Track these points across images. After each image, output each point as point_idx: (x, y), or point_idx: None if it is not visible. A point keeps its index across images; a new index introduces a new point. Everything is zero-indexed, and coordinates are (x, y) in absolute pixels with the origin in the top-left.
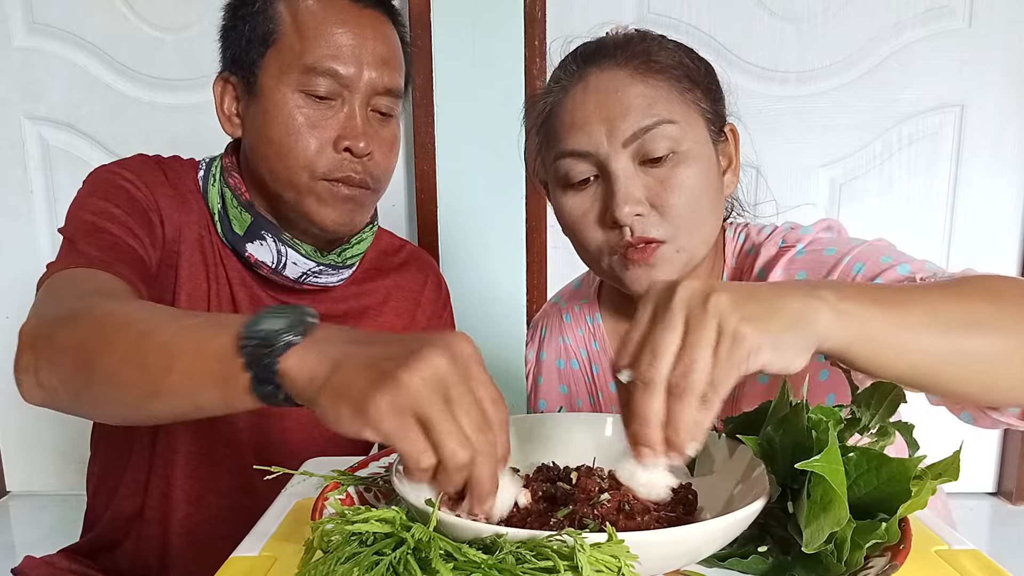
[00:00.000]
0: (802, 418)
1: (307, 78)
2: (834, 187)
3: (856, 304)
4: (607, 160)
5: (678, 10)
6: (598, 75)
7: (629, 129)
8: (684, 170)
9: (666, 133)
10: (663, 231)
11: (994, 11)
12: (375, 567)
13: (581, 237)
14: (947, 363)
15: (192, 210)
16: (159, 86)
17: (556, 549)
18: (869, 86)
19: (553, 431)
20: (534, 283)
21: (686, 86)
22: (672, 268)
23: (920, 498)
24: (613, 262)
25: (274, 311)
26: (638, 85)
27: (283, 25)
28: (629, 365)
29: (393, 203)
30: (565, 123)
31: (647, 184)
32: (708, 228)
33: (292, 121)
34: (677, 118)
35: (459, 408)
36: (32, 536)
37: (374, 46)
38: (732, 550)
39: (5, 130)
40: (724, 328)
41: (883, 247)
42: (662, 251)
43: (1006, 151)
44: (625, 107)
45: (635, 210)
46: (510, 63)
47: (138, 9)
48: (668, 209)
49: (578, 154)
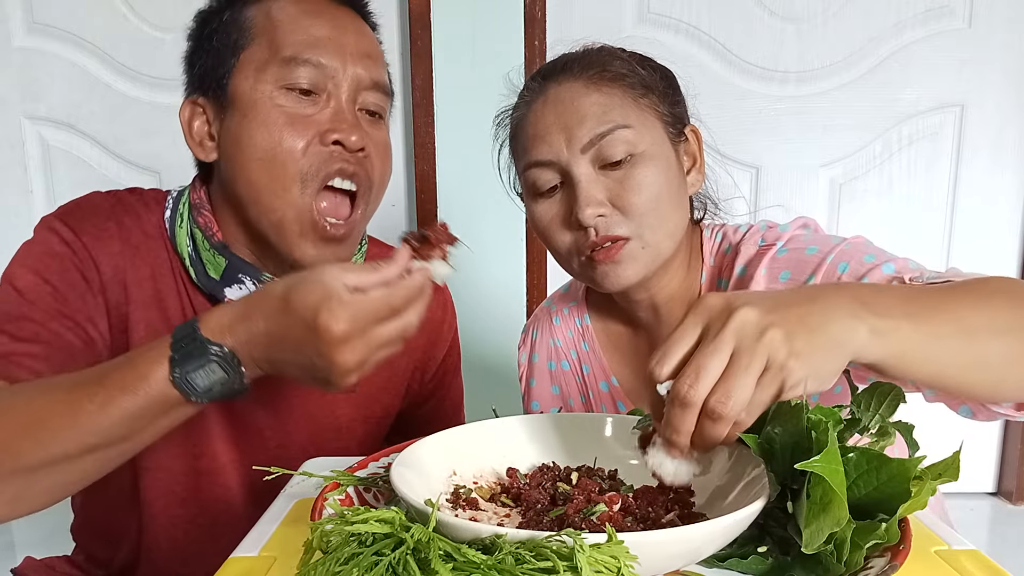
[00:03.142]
0: (802, 418)
1: (287, 70)
2: (834, 187)
3: (892, 321)
4: (568, 166)
5: (678, 10)
6: (556, 88)
7: (586, 136)
8: (642, 170)
9: (622, 137)
10: (626, 228)
11: (994, 11)
12: (374, 567)
13: (552, 241)
14: (968, 368)
15: (147, 262)
16: (159, 86)
17: (555, 550)
18: (869, 86)
19: (553, 431)
20: (534, 283)
21: (640, 92)
22: (638, 264)
23: (920, 498)
24: (582, 263)
25: (188, 368)
26: (593, 94)
27: (255, 27)
28: (669, 378)
29: (393, 203)
30: (529, 135)
31: (607, 186)
32: (671, 224)
33: (274, 120)
34: (632, 122)
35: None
36: (32, 536)
37: (356, 39)
38: (732, 550)
39: (5, 130)
40: (772, 362)
41: (862, 245)
42: (627, 249)
43: (1006, 151)
44: (581, 115)
45: (597, 211)
46: (510, 63)
47: (138, 9)
48: (629, 208)
49: (542, 163)
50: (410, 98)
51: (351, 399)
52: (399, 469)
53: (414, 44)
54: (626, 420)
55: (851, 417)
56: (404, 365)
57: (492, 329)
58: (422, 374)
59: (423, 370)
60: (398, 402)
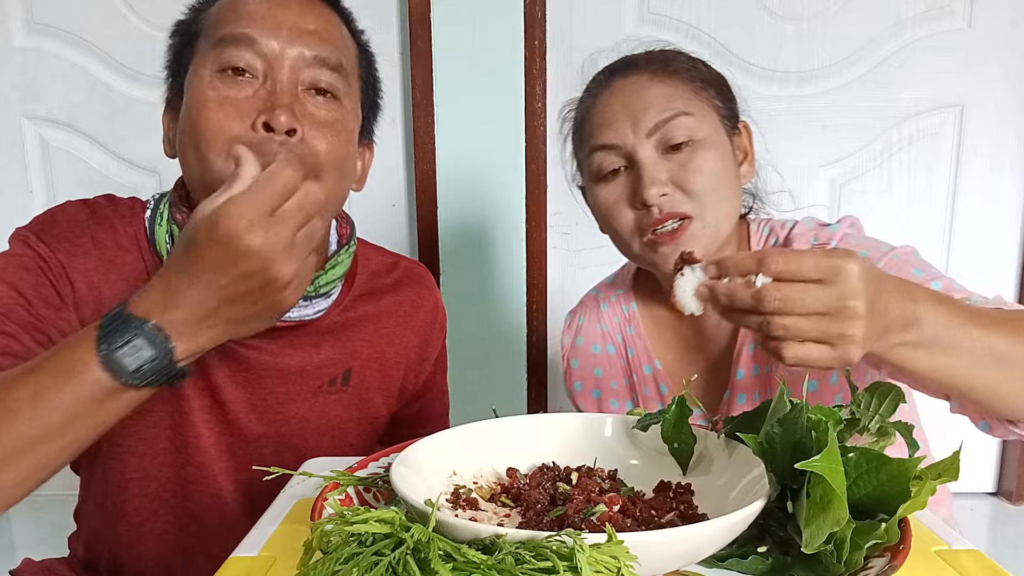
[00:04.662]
0: (802, 418)
1: (219, 51)
2: (834, 187)
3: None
4: (633, 150)
5: (678, 10)
6: (622, 81)
7: (651, 121)
8: (702, 154)
9: (683, 124)
10: (688, 207)
11: (994, 11)
12: (374, 567)
13: (614, 222)
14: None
15: (122, 276)
16: (159, 86)
17: (555, 550)
18: (869, 86)
19: (553, 431)
20: (534, 283)
21: (700, 85)
22: (698, 244)
23: (920, 498)
24: (643, 244)
25: (114, 344)
26: (657, 85)
27: (203, 19)
28: (769, 275)
29: (393, 203)
30: (596, 123)
31: (670, 168)
32: (728, 206)
33: (204, 100)
34: (693, 111)
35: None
36: (32, 536)
37: (298, 15)
38: (732, 550)
39: (5, 130)
40: (847, 334)
41: (910, 256)
42: (691, 229)
43: (1006, 151)
44: (647, 103)
45: (661, 191)
46: (510, 63)
47: (138, 9)
48: (690, 188)
49: (608, 147)
50: (410, 98)
51: (343, 401)
52: (399, 469)
53: (414, 44)
54: (626, 420)
55: (851, 417)
56: (397, 364)
57: (492, 328)
58: (416, 375)
59: (417, 371)
60: (392, 403)
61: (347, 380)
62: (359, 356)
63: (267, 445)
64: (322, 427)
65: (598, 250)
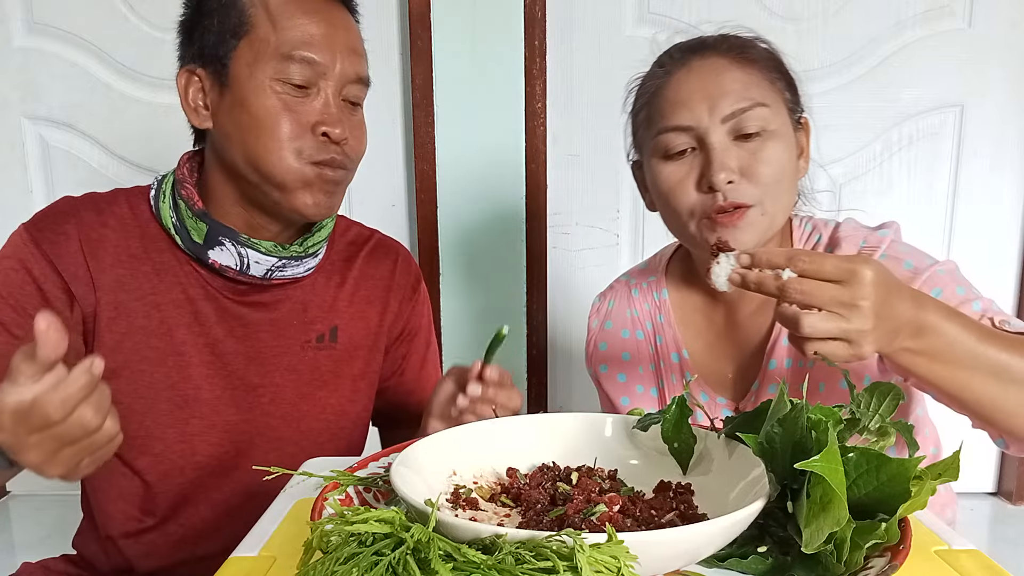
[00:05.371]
0: (802, 418)
1: (284, 66)
2: (834, 187)
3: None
4: (706, 133)
5: (678, 10)
6: (700, 62)
7: (728, 108)
8: (772, 145)
9: (759, 115)
10: (752, 196)
11: (994, 11)
12: (374, 567)
13: (675, 202)
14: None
15: (108, 251)
16: (159, 86)
17: (555, 550)
18: (869, 86)
19: (553, 431)
20: (534, 283)
21: (775, 75)
22: (755, 231)
23: (920, 498)
24: (701, 225)
25: None
26: (736, 71)
27: (254, 17)
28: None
29: (393, 203)
30: (669, 101)
31: (739, 155)
32: (788, 198)
33: (272, 106)
34: (768, 102)
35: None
36: (32, 536)
37: (345, 36)
38: (732, 550)
39: (5, 130)
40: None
41: (953, 272)
42: (749, 215)
43: (1006, 151)
44: (725, 89)
45: (729, 177)
46: (510, 63)
47: (138, 9)
48: (757, 177)
49: (680, 128)
50: (410, 98)
51: (333, 356)
52: (399, 469)
53: (414, 44)
54: (626, 420)
55: (851, 417)
56: (380, 324)
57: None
58: (399, 339)
59: (400, 334)
60: (379, 361)
61: (335, 337)
62: (343, 315)
63: (264, 395)
64: (315, 380)
65: (598, 250)
